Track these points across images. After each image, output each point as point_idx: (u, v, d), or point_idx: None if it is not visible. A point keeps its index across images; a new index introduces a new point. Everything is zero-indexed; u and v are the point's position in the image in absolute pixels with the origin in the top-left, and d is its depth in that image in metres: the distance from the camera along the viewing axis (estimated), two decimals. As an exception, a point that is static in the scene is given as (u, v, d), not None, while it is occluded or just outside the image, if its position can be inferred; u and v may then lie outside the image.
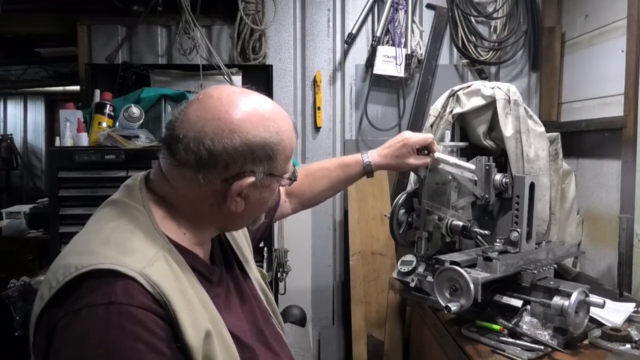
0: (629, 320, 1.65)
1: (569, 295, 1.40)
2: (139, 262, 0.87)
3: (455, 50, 2.92)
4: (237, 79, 2.70)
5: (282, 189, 1.51)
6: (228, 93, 0.98)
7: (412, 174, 2.25)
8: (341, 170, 1.57)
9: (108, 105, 2.41)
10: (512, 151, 1.88)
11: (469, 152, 1.93)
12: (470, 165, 1.63)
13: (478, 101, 1.94)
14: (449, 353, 1.66)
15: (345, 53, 2.96)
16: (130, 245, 0.90)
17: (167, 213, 0.98)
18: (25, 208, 3.54)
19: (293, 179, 1.10)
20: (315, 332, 3.01)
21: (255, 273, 1.21)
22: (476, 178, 1.71)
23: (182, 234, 0.98)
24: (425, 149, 1.59)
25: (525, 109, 1.93)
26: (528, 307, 1.52)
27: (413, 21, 2.89)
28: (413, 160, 1.57)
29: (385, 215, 1.91)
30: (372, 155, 1.57)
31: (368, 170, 1.56)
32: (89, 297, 0.83)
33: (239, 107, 0.95)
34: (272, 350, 1.09)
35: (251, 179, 0.96)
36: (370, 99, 2.93)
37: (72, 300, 0.83)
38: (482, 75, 2.95)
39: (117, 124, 2.38)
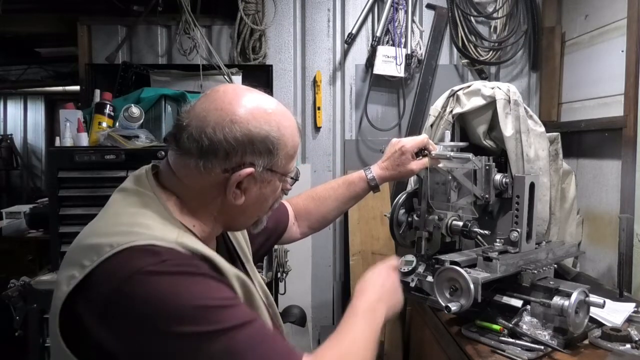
0: (629, 320, 1.65)
1: (569, 295, 1.40)
2: (170, 237, 0.90)
3: (455, 50, 2.92)
4: (237, 79, 2.70)
5: (291, 212, 1.52)
6: (234, 88, 1.03)
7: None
8: (345, 188, 1.58)
9: (108, 105, 2.41)
10: (512, 151, 1.88)
11: (469, 152, 1.92)
12: (466, 155, 1.63)
13: (478, 101, 1.94)
14: (449, 353, 1.66)
15: (345, 53, 2.96)
16: (154, 226, 0.92)
17: (176, 205, 1.00)
18: (25, 208, 3.54)
19: (295, 178, 1.11)
20: (315, 332, 3.01)
21: (256, 274, 1.22)
22: (478, 166, 1.71)
23: (192, 226, 1.00)
24: (422, 151, 1.60)
25: (525, 109, 1.92)
26: (528, 307, 1.52)
27: (413, 21, 2.89)
28: (414, 166, 1.58)
29: (385, 215, 1.91)
30: (375, 170, 1.58)
31: (373, 185, 1.57)
32: (138, 264, 0.84)
33: (242, 100, 0.99)
34: None
35: (250, 170, 0.97)
36: (370, 99, 2.93)
37: (120, 274, 0.83)
38: (482, 75, 2.95)
39: (117, 124, 2.38)
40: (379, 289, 1.17)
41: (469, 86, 2.00)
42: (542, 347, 1.42)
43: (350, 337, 1.01)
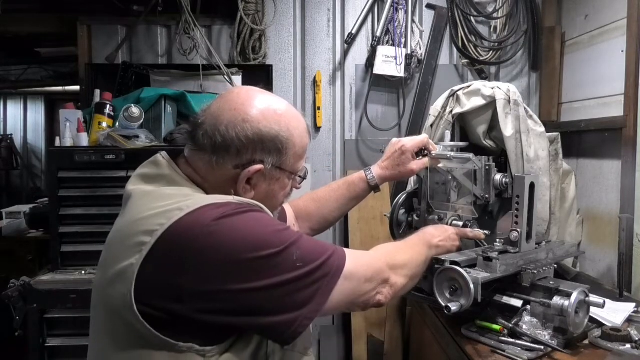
0: (629, 320, 1.65)
1: (569, 295, 1.40)
2: (226, 198, 1.01)
3: (455, 50, 2.92)
4: (237, 79, 2.70)
5: (291, 213, 1.54)
6: (247, 90, 1.10)
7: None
8: (346, 189, 1.60)
9: (108, 105, 2.41)
10: (512, 151, 1.88)
11: (469, 152, 1.92)
12: (467, 155, 1.63)
13: (478, 101, 1.93)
14: (449, 353, 1.66)
15: (345, 53, 2.96)
16: (204, 195, 1.03)
17: (199, 191, 1.06)
18: (25, 208, 3.54)
19: (304, 177, 1.18)
20: (315, 332, 3.01)
21: None
22: (478, 166, 1.70)
23: None
24: (422, 151, 1.60)
25: (525, 109, 1.92)
26: (528, 307, 1.52)
27: (413, 21, 2.89)
28: (414, 166, 1.59)
29: (385, 215, 1.90)
30: (375, 170, 1.60)
31: (373, 185, 1.59)
32: (213, 214, 0.93)
33: (255, 101, 1.06)
34: None
35: (259, 167, 1.05)
36: (370, 99, 2.93)
37: (198, 226, 0.92)
38: (482, 75, 2.95)
39: (117, 124, 2.38)
40: (440, 241, 1.46)
41: (469, 86, 2.00)
42: (542, 347, 1.42)
43: (404, 243, 1.34)
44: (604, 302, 1.44)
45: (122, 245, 0.96)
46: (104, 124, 2.38)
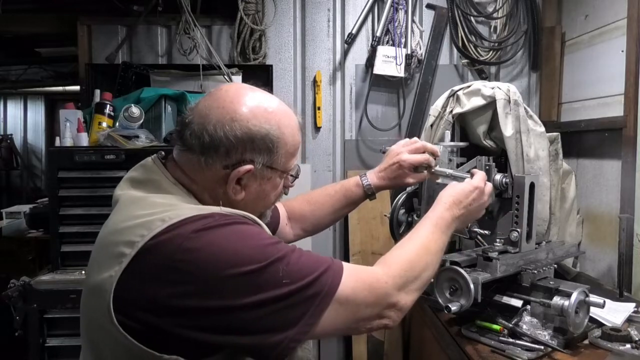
0: (629, 320, 1.65)
1: (569, 295, 1.40)
2: (211, 208, 0.98)
3: (455, 50, 2.92)
4: (237, 79, 2.70)
5: (283, 213, 1.52)
6: (236, 88, 1.07)
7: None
8: (342, 195, 1.57)
9: (108, 105, 2.41)
10: (512, 151, 1.88)
11: (469, 152, 1.92)
12: (465, 174, 1.61)
13: (478, 101, 1.93)
14: (449, 353, 1.66)
15: (345, 53, 2.96)
16: (191, 205, 0.99)
17: (188, 195, 1.04)
18: (25, 208, 3.54)
19: (296, 175, 1.15)
20: (315, 332, 3.00)
21: None
22: None
23: None
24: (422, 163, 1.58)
25: (525, 108, 1.92)
26: (528, 307, 1.52)
27: (413, 21, 2.89)
28: (411, 180, 1.57)
29: (385, 215, 1.90)
30: (371, 177, 1.57)
31: (369, 193, 1.57)
32: (194, 226, 0.90)
33: (244, 99, 1.02)
34: None
35: (249, 167, 1.01)
36: (370, 99, 2.93)
37: (179, 238, 0.88)
38: (482, 75, 2.95)
39: (117, 124, 2.38)
40: (460, 210, 1.28)
41: (469, 86, 2.00)
42: (542, 347, 1.42)
43: (416, 243, 1.17)
44: (604, 302, 1.44)
45: (104, 253, 0.94)
46: (104, 124, 2.38)
